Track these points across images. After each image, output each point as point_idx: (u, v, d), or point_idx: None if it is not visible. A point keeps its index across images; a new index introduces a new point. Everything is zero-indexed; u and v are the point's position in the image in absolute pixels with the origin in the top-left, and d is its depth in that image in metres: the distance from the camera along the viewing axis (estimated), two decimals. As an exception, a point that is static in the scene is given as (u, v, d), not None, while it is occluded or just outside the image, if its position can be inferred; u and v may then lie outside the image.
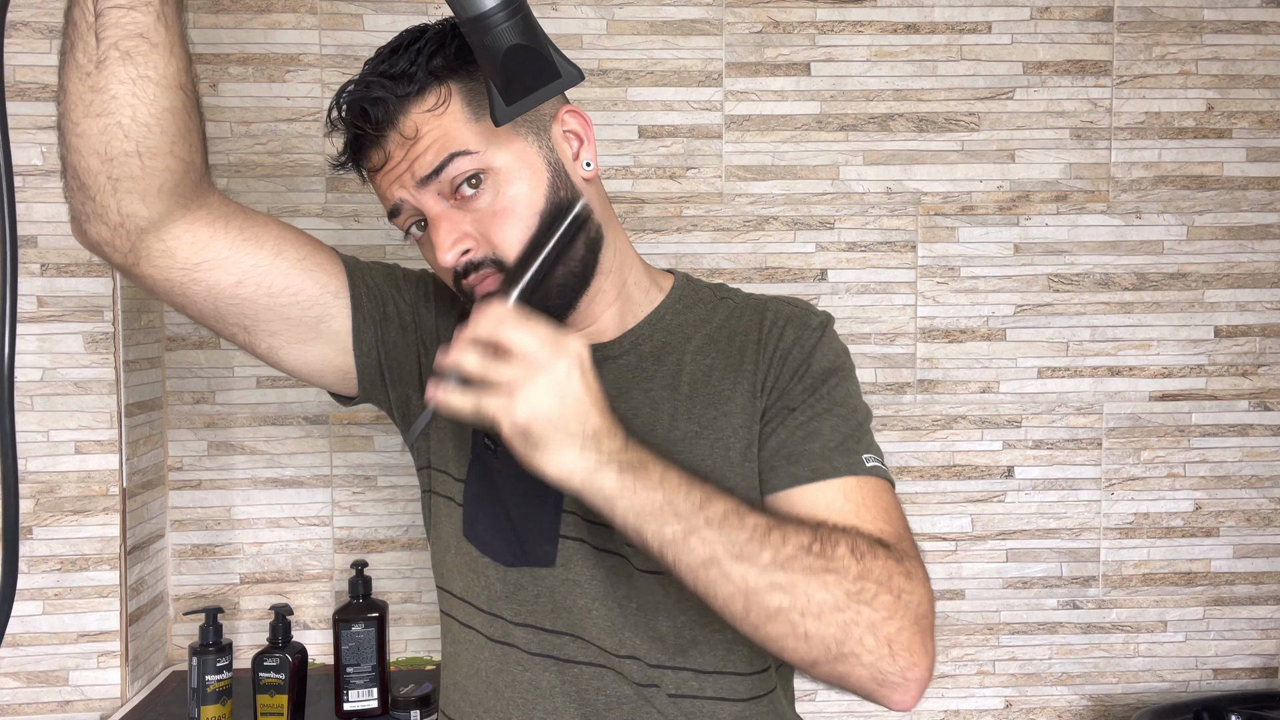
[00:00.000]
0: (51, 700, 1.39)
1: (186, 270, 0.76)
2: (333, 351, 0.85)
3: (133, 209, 0.71)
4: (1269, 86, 1.67)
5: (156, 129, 0.69)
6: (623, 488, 0.66)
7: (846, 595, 0.68)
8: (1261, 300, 1.68)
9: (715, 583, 0.67)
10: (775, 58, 1.63)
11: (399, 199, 0.81)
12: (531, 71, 0.68)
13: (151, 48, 0.67)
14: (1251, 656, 1.71)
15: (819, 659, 0.69)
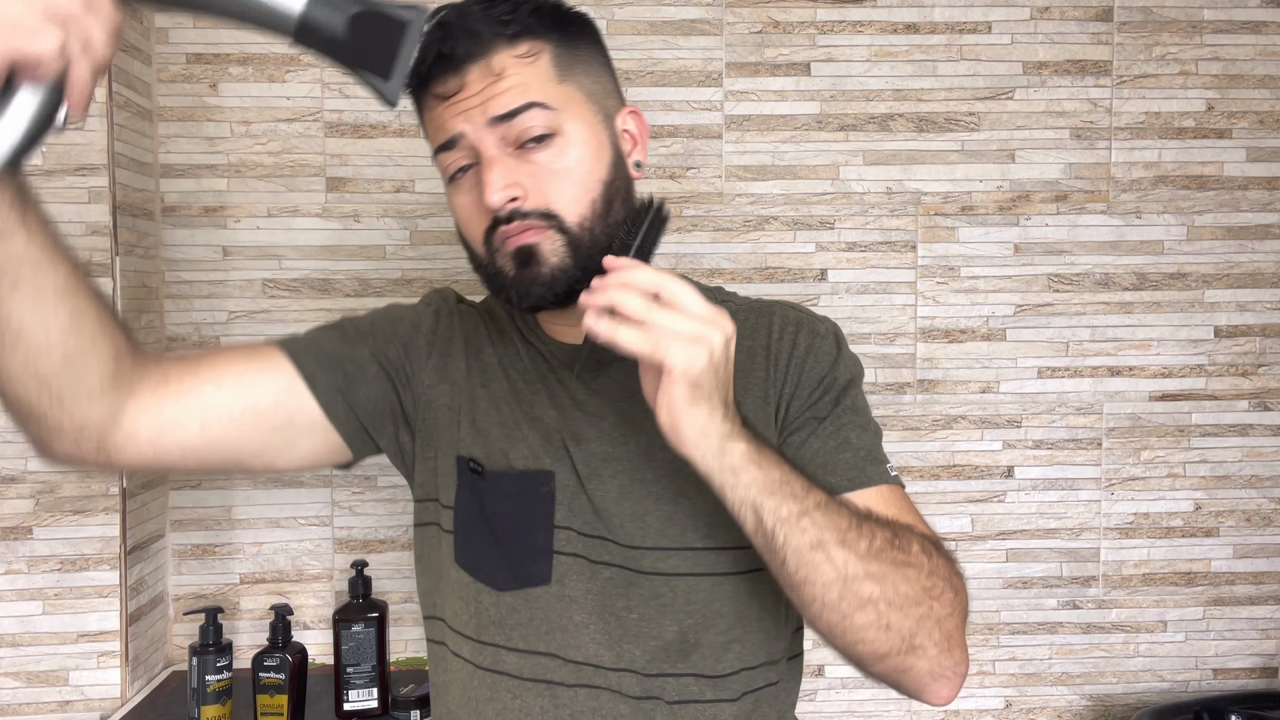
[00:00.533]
0: (51, 700, 1.39)
1: (153, 442, 0.76)
2: (317, 438, 0.85)
3: (84, 414, 0.72)
4: (1269, 86, 1.67)
5: (72, 337, 0.69)
6: (750, 459, 0.68)
7: (923, 589, 0.71)
8: (1261, 300, 1.68)
9: (819, 566, 0.69)
10: (775, 58, 1.63)
11: (460, 131, 0.78)
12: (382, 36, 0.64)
13: (34, 268, 0.66)
14: (1251, 656, 1.71)
15: (892, 650, 0.71)
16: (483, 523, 0.84)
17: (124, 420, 0.75)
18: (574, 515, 0.82)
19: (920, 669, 0.72)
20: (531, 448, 0.84)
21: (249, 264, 1.59)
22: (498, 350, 0.90)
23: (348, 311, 1.57)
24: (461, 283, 1.61)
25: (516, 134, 0.77)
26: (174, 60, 1.56)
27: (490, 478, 0.83)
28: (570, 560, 0.82)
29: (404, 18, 0.65)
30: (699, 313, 0.67)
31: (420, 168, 1.60)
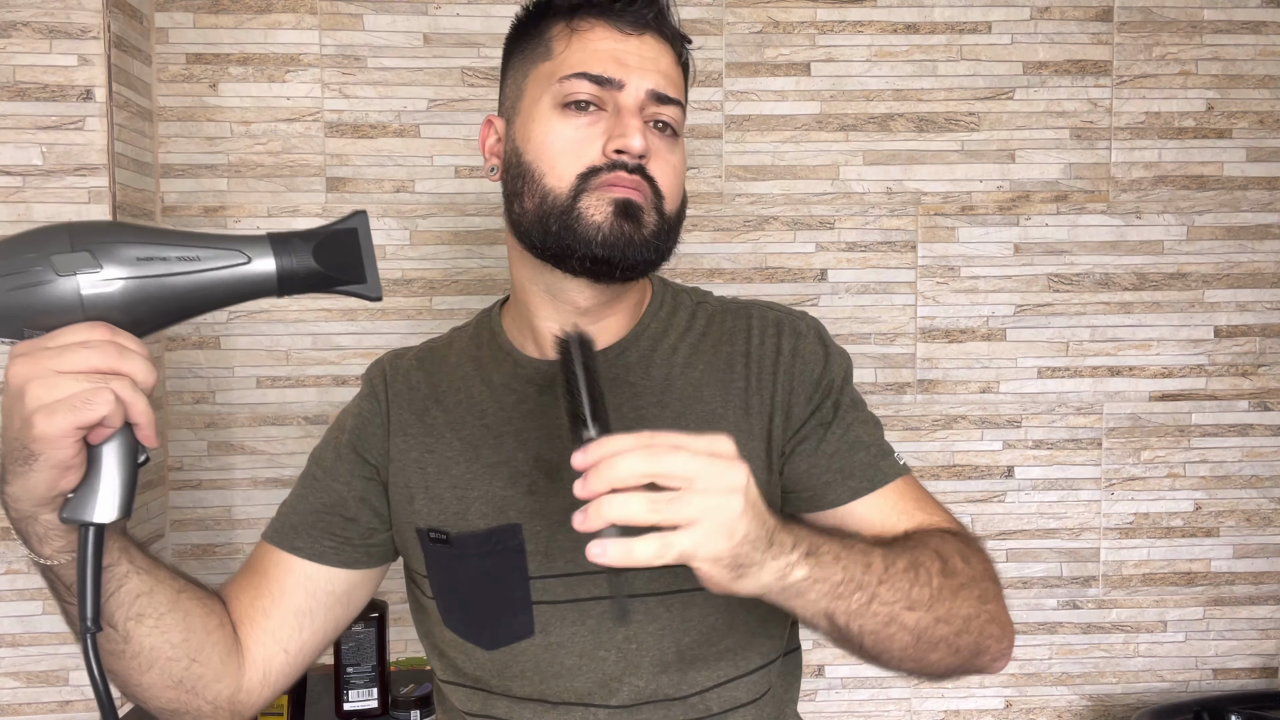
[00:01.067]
0: (51, 700, 1.39)
1: (265, 685, 0.83)
2: (363, 584, 0.90)
3: (216, 692, 0.79)
4: (1269, 86, 1.67)
5: (190, 634, 0.75)
6: (813, 579, 0.64)
7: (977, 601, 0.73)
8: (1261, 300, 1.68)
9: (894, 637, 0.69)
10: (775, 58, 1.63)
11: (625, 79, 0.77)
12: (343, 251, 0.68)
13: (150, 596, 0.72)
14: (1251, 656, 1.71)
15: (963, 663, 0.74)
16: (455, 590, 0.84)
17: (242, 681, 0.81)
18: (552, 560, 0.80)
19: (983, 662, 0.76)
20: (493, 503, 0.81)
21: (249, 264, 1.58)
22: (446, 404, 0.86)
23: (347, 311, 1.58)
24: (461, 283, 1.61)
25: (653, 115, 0.79)
26: (174, 60, 1.56)
27: (457, 543, 0.82)
28: (551, 608, 0.80)
29: (351, 226, 0.69)
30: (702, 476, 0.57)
31: (420, 168, 1.60)
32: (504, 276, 1.62)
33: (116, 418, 0.60)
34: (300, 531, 0.87)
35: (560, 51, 0.79)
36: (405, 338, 1.60)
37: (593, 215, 0.75)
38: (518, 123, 0.81)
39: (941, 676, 0.75)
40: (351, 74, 1.59)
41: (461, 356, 0.89)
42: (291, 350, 1.60)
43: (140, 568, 0.72)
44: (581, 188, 0.76)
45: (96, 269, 0.60)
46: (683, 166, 0.82)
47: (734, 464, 0.59)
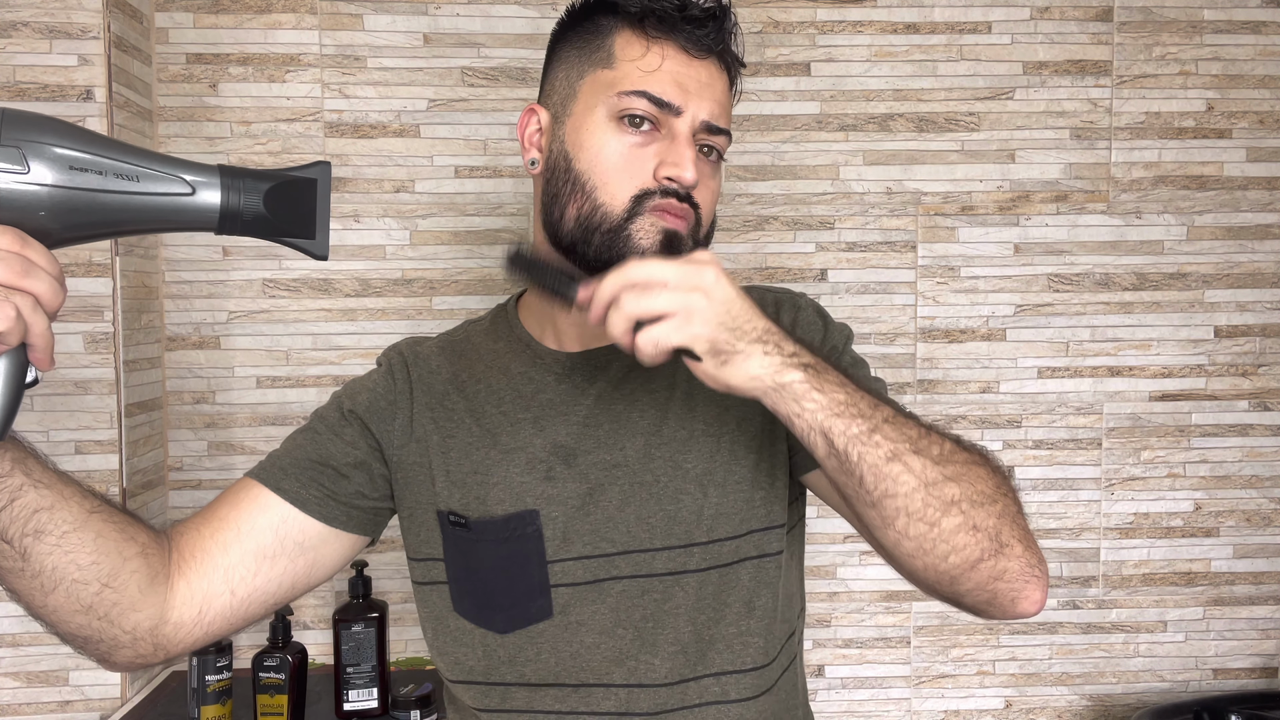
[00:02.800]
0: (51, 700, 1.39)
1: (198, 623, 0.78)
2: (336, 546, 0.86)
3: (133, 622, 0.74)
4: (1269, 86, 1.67)
5: (101, 557, 0.71)
6: (810, 385, 0.67)
7: (995, 487, 0.71)
8: (1261, 300, 1.68)
9: (898, 477, 0.68)
10: (775, 58, 1.63)
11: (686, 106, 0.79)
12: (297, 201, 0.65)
13: (50, 512, 0.68)
14: (1251, 656, 1.71)
15: (984, 553, 0.69)
16: (472, 574, 0.83)
17: (169, 613, 0.77)
18: (570, 544, 0.81)
19: (1014, 570, 0.70)
20: (511, 489, 0.83)
21: (249, 264, 1.58)
22: (466, 392, 0.88)
23: (347, 311, 1.58)
24: (461, 282, 1.61)
25: (704, 141, 0.81)
26: (174, 60, 1.56)
27: (475, 528, 0.82)
28: (571, 590, 0.81)
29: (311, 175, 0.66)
30: (675, 275, 0.67)
31: (420, 168, 1.60)
32: (504, 276, 1.62)
33: (13, 336, 0.56)
34: (289, 474, 0.85)
35: (622, 62, 0.80)
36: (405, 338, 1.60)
37: (641, 239, 0.77)
38: (568, 125, 0.82)
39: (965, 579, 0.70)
40: (351, 74, 1.59)
41: (479, 347, 0.91)
42: (291, 350, 1.60)
43: (39, 482, 0.68)
44: (635, 210, 0.78)
45: (22, 169, 0.55)
46: (719, 190, 0.84)
47: (703, 266, 0.67)
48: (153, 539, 0.76)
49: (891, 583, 1.67)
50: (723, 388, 0.68)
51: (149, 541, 0.75)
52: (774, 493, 0.84)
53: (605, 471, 0.82)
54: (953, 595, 0.73)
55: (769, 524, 0.83)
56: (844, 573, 1.66)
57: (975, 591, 0.71)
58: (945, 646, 1.68)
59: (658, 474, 0.82)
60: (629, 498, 0.82)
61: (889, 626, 1.67)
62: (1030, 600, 0.72)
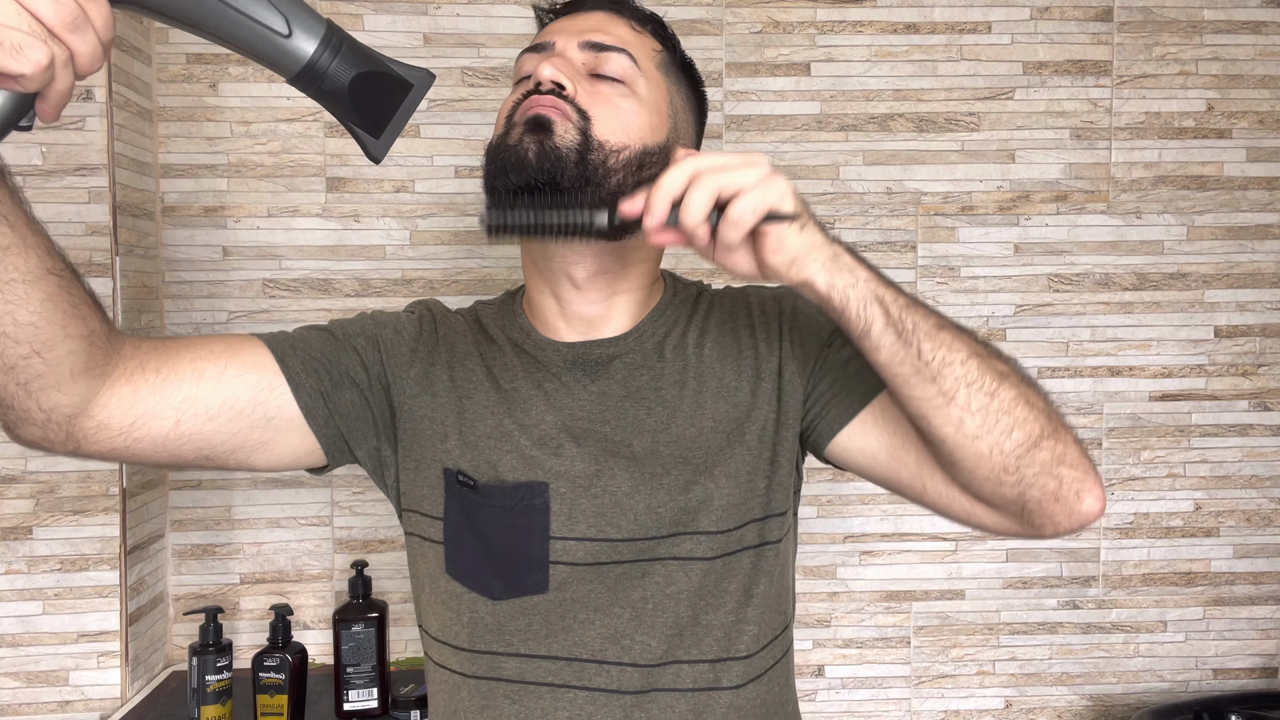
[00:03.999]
0: (51, 700, 1.39)
1: (124, 433, 0.73)
2: (294, 439, 0.82)
3: (53, 402, 0.69)
4: (1269, 86, 1.67)
5: (43, 323, 0.65)
6: (873, 276, 0.73)
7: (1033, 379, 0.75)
8: (1261, 300, 1.68)
9: (952, 343, 0.71)
10: (775, 58, 1.63)
11: (553, 40, 0.82)
12: (384, 95, 0.64)
13: (3, 251, 0.62)
14: (1251, 656, 1.71)
15: (1044, 431, 0.71)
16: (474, 535, 0.83)
17: (95, 409, 0.71)
18: (575, 523, 0.81)
19: (1074, 456, 0.72)
20: (523, 458, 0.83)
21: (249, 264, 1.58)
22: (486, 359, 0.88)
23: (348, 312, 1.58)
24: (461, 282, 1.61)
25: (596, 65, 0.80)
26: (174, 60, 1.56)
27: (483, 490, 0.82)
28: (569, 569, 0.81)
29: (411, 79, 0.65)
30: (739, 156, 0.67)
31: (420, 168, 1.60)
32: (504, 276, 1.62)
33: (33, 83, 0.53)
34: (297, 354, 0.83)
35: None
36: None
37: (510, 138, 0.77)
38: None
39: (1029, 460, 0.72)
40: (351, 74, 1.58)
41: (491, 324, 0.92)
42: (291, 350, 1.60)
43: (4, 217, 0.62)
44: (511, 122, 0.78)
45: None
46: (640, 115, 0.80)
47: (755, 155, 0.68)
48: (105, 332, 0.70)
49: (891, 583, 1.67)
50: (787, 261, 0.69)
51: (100, 331, 0.70)
52: (776, 480, 0.85)
53: (614, 458, 0.83)
54: (1018, 492, 0.72)
55: (770, 512, 0.84)
56: (844, 573, 1.66)
57: (1041, 479, 0.72)
58: (945, 646, 1.68)
59: (667, 467, 0.82)
60: (638, 486, 0.82)
61: (889, 626, 1.67)
62: (1095, 495, 0.73)
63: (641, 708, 0.80)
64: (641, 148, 0.79)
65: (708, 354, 0.86)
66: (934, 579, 1.67)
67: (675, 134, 0.85)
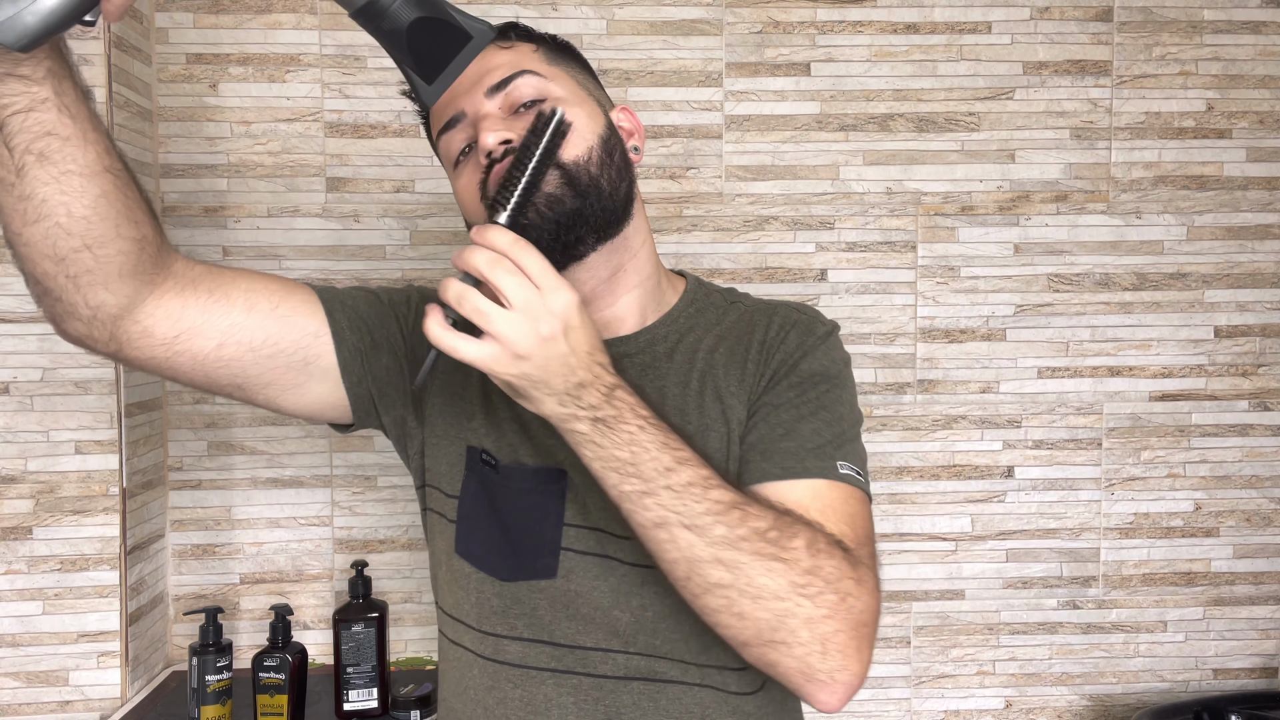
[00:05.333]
0: (51, 700, 1.39)
1: (167, 344, 0.75)
2: (326, 389, 0.85)
3: (100, 300, 0.71)
4: (1269, 86, 1.67)
5: (96, 219, 0.67)
6: (591, 439, 0.69)
7: (790, 585, 0.69)
8: (1261, 300, 1.68)
9: (662, 544, 0.70)
10: (775, 58, 1.63)
11: (460, 108, 0.83)
12: (441, 42, 0.65)
13: (64, 142, 0.65)
14: (1251, 656, 1.71)
15: (750, 640, 0.71)
16: (490, 514, 0.84)
17: (141, 314, 0.73)
18: (587, 512, 0.82)
19: (788, 665, 0.70)
20: (543, 446, 0.84)
21: (249, 264, 1.58)
22: None
23: (348, 311, 1.58)
24: (461, 283, 1.61)
25: (512, 100, 0.82)
26: (174, 60, 1.56)
27: (504, 471, 0.84)
28: (578, 557, 0.82)
29: (471, 30, 0.65)
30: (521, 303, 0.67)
31: (420, 168, 1.60)
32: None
33: None
34: (345, 309, 0.85)
35: (431, 131, 0.88)
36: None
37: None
38: None
39: (738, 648, 0.72)
40: (351, 74, 1.59)
41: None
42: (291, 350, 1.60)
43: (65, 107, 0.66)
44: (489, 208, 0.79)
45: None
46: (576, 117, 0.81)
47: (550, 308, 0.67)
48: (158, 241, 0.73)
49: (891, 583, 1.67)
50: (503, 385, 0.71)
51: (151, 238, 0.72)
52: None
53: None
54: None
55: None
56: (844, 573, 1.66)
57: (751, 662, 0.73)
58: (945, 646, 1.68)
59: None
60: None
61: (889, 626, 1.67)
62: (815, 700, 0.72)
63: (650, 696, 0.81)
64: (598, 139, 0.83)
65: (717, 359, 0.86)
66: (934, 579, 1.67)
67: (601, 105, 0.87)
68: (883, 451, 1.66)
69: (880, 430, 1.65)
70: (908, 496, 1.66)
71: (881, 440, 1.65)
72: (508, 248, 0.68)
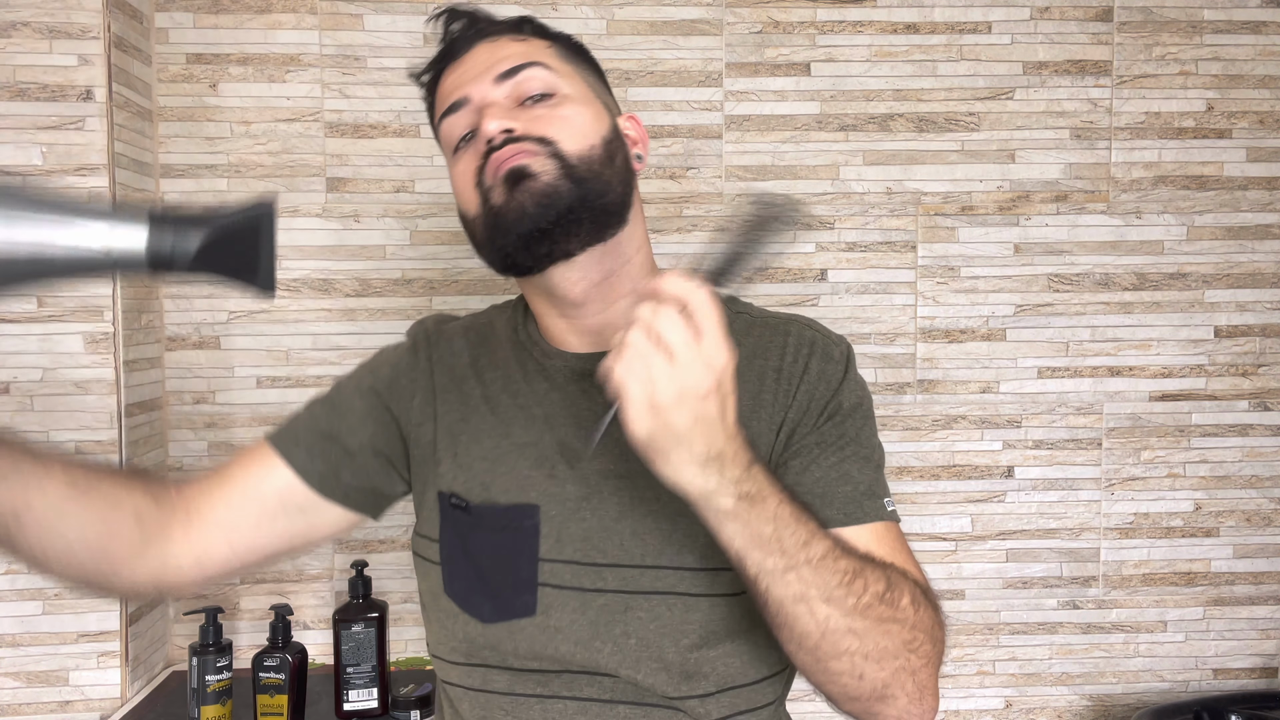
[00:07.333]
0: (51, 700, 1.39)
1: (198, 570, 0.84)
2: (332, 515, 0.89)
3: (133, 576, 0.81)
4: (1269, 86, 1.67)
5: (88, 531, 0.76)
6: (737, 514, 0.66)
7: (903, 644, 0.71)
8: (1261, 300, 1.68)
9: (800, 618, 0.69)
10: (775, 58, 1.63)
11: (465, 94, 0.82)
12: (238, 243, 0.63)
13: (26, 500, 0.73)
14: (1251, 656, 1.71)
15: (862, 696, 0.72)
16: (466, 557, 0.83)
17: (169, 565, 0.82)
18: (563, 545, 0.80)
19: (888, 715, 0.73)
20: (516, 480, 0.83)
21: (249, 264, 1.58)
22: (485, 379, 0.88)
23: (348, 312, 1.58)
24: (461, 283, 1.61)
25: (519, 91, 0.81)
26: (174, 60, 1.56)
27: (475, 512, 0.83)
28: (556, 592, 0.80)
29: (253, 219, 0.63)
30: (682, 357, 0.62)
31: (420, 168, 1.60)
32: (504, 276, 1.62)
33: None
34: (301, 443, 0.88)
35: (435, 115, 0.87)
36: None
37: (497, 203, 0.79)
38: None
39: (841, 704, 0.74)
40: (351, 74, 1.59)
41: (501, 336, 0.92)
42: (291, 350, 1.60)
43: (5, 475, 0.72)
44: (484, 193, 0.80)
45: None
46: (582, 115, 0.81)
47: (712, 367, 0.62)
48: (148, 500, 0.80)
49: (891, 583, 1.67)
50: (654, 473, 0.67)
51: (143, 504, 0.79)
52: None
53: (606, 480, 0.81)
54: (828, 703, 0.75)
55: None
56: (844, 573, 1.66)
57: (848, 714, 0.75)
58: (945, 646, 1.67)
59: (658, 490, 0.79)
60: (626, 510, 0.80)
61: (889, 626, 1.67)
62: None
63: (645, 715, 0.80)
64: (601, 140, 0.81)
65: None
66: (934, 579, 1.66)
67: (609, 109, 0.87)
68: (883, 451, 1.66)
69: (880, 430, 1.64)
70: (908, 496, 1.66)
71: (882, 440, 1.65)
72: (678, 295, 0.63)
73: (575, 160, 0.78)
